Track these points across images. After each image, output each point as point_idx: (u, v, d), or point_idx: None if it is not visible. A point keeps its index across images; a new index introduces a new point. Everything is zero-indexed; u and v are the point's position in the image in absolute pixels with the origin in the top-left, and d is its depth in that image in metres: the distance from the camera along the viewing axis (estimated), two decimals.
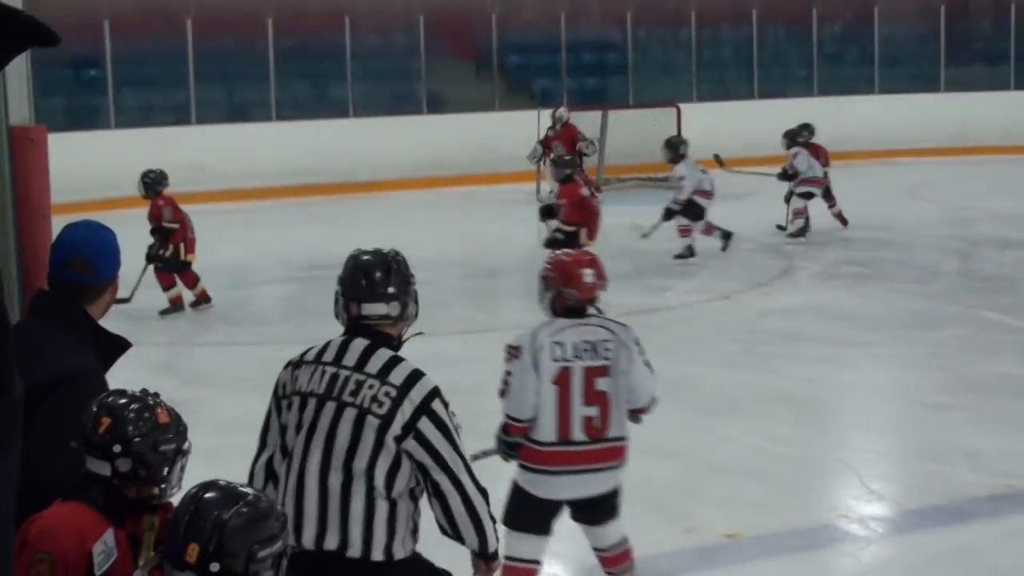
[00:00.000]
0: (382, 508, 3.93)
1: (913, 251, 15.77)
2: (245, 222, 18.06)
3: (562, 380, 5.40)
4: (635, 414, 5.68)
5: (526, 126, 20.15)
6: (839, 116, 24.44)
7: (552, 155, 19.47)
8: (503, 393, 5.43)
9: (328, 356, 4.04)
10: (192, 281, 12.83)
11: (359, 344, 4.05)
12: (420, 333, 4.27)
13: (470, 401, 5.69)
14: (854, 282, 13.71)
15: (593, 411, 5.47)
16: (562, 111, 20.66)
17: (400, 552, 3.97)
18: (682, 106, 22.12)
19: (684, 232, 15.09)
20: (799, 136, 16.71)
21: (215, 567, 3.18)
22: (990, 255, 15.56)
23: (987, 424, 8.65)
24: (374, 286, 4.12)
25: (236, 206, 18.86)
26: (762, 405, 9.23)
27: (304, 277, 14.23)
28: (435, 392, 3.96)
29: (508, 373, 5.40)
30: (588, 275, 5.59)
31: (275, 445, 4.07)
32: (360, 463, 3.91)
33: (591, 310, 5.62)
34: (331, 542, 3.91)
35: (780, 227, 16.52)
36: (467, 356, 10.03)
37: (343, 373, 3.97)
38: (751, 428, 8.63)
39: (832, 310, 12.39)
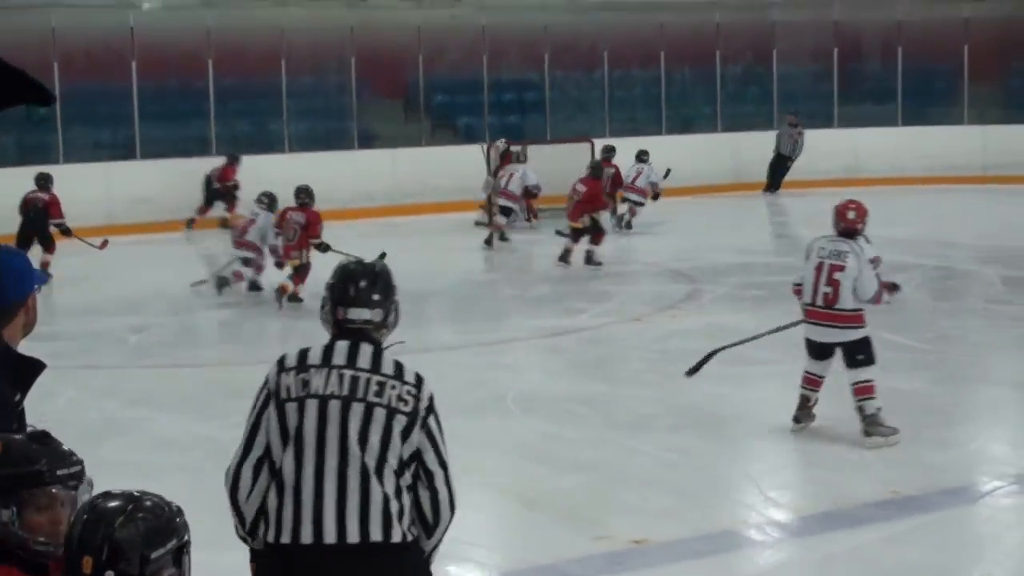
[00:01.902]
0: (404, 497, 3.96)
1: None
2: (187, 252, 17.93)
3: (818, 268, 8.51)
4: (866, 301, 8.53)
5: (451, 160, 20.21)
6: (741, 150, 24.71)
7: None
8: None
9: (338, 359, 4.03)
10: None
11: (366, 349, 4.07)
12: (401, 342, 4.28)
13: None
14: (755, 304, 13.76)
15: (829, 289, 8.46)
16: (499, 143, 20.87)
17: (411, 536, 3.98)
18: (596, 141, 22.16)
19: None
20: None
21: (110, 575, 3.10)
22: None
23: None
24: (360, 292, 4.13)
25: (179, 236, 18.73)
26: (669, 419, 9.27)
27: (241, 303, 14.13)
28: (433, 395, 4.09)
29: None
30: (850, 213, 8.77)
31: (264, 447, 3.99)
32: (392, 457, 3.95)
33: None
34: (376, 534, 3.90)
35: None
36: None
37: (363, 375, 3.99)
38: (659, 441, 8.68)
39: (734, 330, 12.39)
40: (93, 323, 13.44)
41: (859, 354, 8.52)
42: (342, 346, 4.08)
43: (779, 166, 25.15)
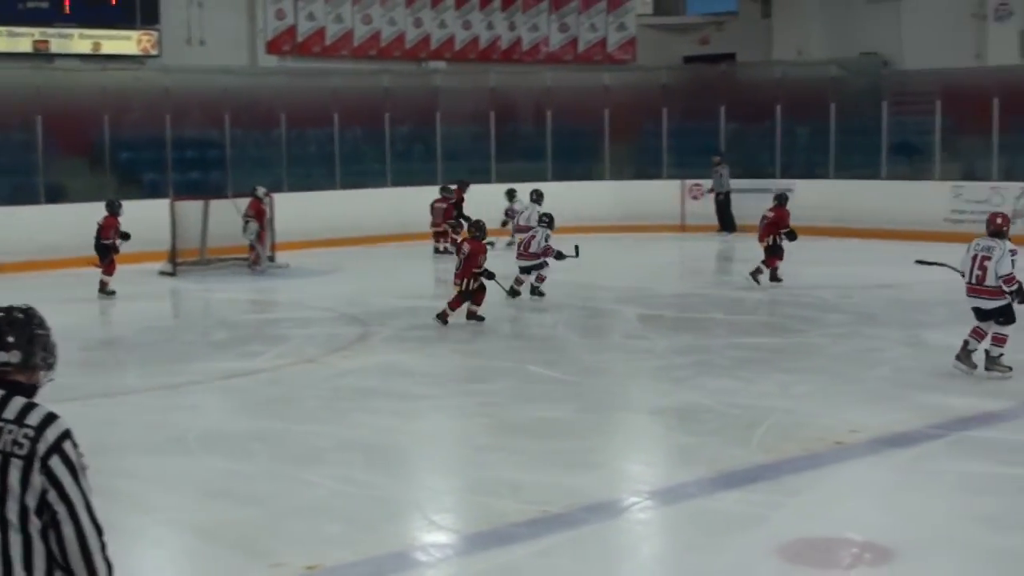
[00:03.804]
0: (38, 544, 3.68)
1: None
2: None
3: (974, 258, 11.35)
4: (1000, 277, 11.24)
5: (136, 213, 19.63)
6: (407, 204, 24.89)
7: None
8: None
9: None
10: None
11: None
12: (51, 380, 3.98)
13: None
14: (420, 344, 13.86)
15: (980, 272, 11.30)
16: (260, 189, 20.71)
17: None
18: (275, 195, 21.98)
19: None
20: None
21: None
22: (534, 318, 16.04)
23: (526, 460, 8.92)
24: None
25: None
26: (341, 453, 9.22)
27: None
28: (67, 434, 3.73)
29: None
30: (998, 219, 11.61)
31: None
32: (12, 504, 3.65)
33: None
34: None
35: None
36: (84, 420, 9.66)
37: None
38: (331, 473, 8.61)
39: (401, 368, 12.50)
40: None
41: (1002, 316, 11.33)
42: None
43: (723, 205, 26.06)
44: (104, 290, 17.80)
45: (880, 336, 13.91)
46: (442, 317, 14.81)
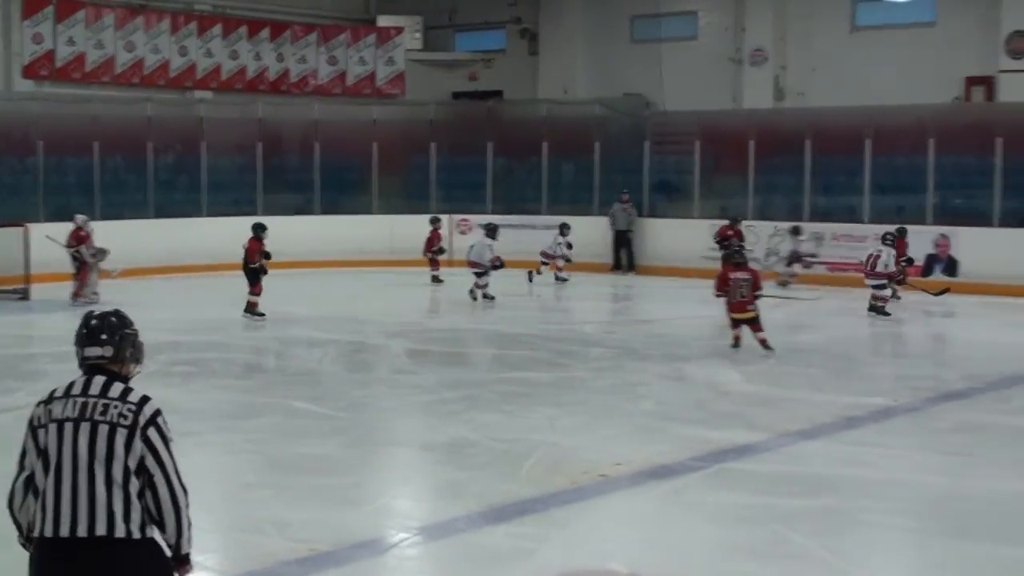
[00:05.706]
0: (133, 500, 4.45)
1: (236, 351, 15.85)
2: None
3: None
4: None
5: None
6: (172, 235, 24.44)
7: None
8: None
9: (76, 390, 4.59)
10: None
11: (99, 379, 4.62)
12: (139, 371, 4.84)
13: None
14: (184, 379, 13.56)
15: None
16: (81, 217, 20.36)
17: (152, 533, 4.51)
18: (30, 225, 21.25)
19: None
20: None
21: None
22: (300, 353, 15.89)
23: (293, 498, 8.81)
24: (90, 333, 4.73)
25: None
26: None
27: None
28: (159, 411, 4.61)
29: None
30: None
31: (32, 466, 4.56)
32: (117, 465, 4.45)
33: None
34: (100, 529, 4.38)
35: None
36: None
37: (91, 400, 4.55)
38: None
39: (165, 404, 12.09)
40: None
41: None
42: (81, 379, 4.64)
43: (623, 243, 26.13)
44: (253, 311, 18.44)
45: (642, 370, 14.27)
46: (765, 344, 15.17)
